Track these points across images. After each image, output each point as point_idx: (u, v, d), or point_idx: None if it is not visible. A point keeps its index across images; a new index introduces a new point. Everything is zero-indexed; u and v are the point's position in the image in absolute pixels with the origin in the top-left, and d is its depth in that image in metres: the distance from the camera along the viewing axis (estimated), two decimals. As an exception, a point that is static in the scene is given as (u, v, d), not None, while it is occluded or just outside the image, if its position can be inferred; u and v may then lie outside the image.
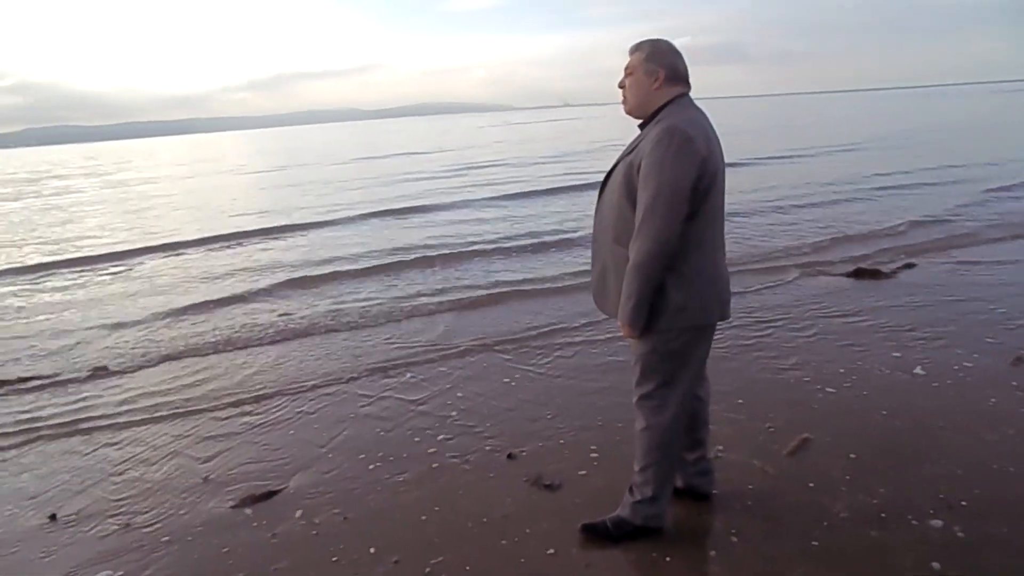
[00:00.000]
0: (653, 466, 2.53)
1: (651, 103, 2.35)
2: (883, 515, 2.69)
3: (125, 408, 4.44)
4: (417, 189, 16.99)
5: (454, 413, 3.96)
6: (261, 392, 4.53)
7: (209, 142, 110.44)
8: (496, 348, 5.05)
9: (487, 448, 3.51)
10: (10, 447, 4.00)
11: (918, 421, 3.45)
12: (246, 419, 4.12)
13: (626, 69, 2.38)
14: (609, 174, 2.45)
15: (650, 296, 2.27)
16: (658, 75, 2.32)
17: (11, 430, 4.23)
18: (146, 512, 3.15)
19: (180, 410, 4.33)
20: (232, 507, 3.13)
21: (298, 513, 3.03)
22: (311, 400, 4.34)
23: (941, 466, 3.02)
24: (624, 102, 2.41)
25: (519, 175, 18.74)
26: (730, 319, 2.57)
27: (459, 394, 4.25)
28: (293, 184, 21.09)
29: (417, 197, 15.14)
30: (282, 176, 25.14)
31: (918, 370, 4.08)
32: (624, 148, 2.42)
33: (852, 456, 3.15)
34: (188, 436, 3.93)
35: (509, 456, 3.40)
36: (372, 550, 2.72)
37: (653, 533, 2.61)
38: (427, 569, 2.57)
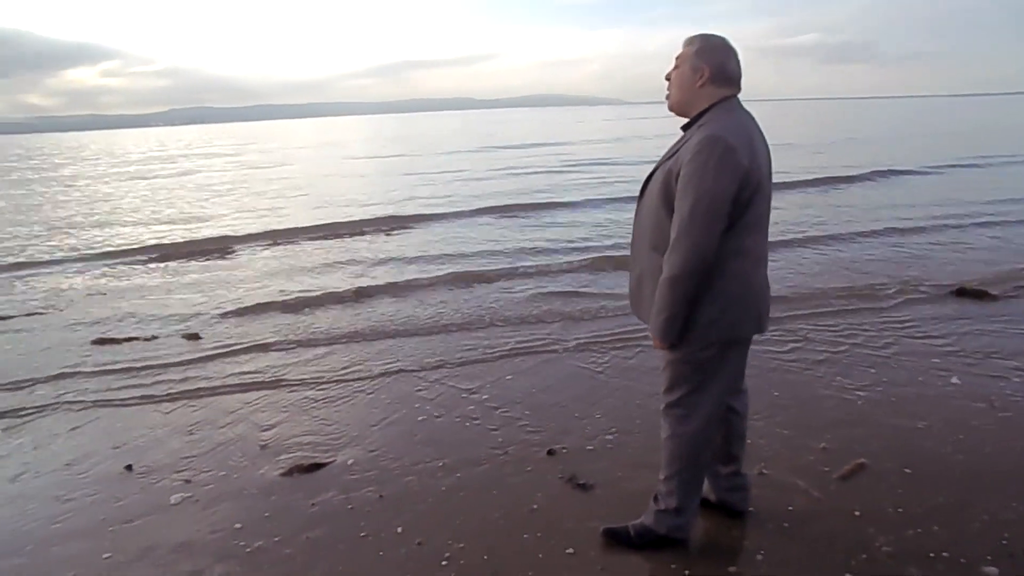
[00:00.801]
0: (677, 476, 2.47)
1: (694, 103, 2.28)
2: (931, 554, 2.50)
3: (210, 376, 4.79)
4: (535, 183, 16.31)
5: (504, 405, 4.01)
6: (334, 373, 4.76)
7: (332, 126, 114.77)
8: (556, 346, 5.05)
9: (529, 441, 3.53)
10: (104, 403, 4.41)
11: (991, 460, 3.16)
12: (310, 394, 4.35)
13: (676, 60, 2.32)
14: (649, 179, 2.39)
15: (685, 310, 2.21)
16: (703, 72, 2.24)
17: (109, 386, 4.67)
18: (206, 471, 3.40)
19: (254, 382, 4.62)
20: (281, 475, 3.32)
21: (338, 487, 3.18)
22: (376, 382, 4.51)
23: (1011, 510, 2.76)
24: (667, 97, 2.35)
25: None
26: (765, 332, 2.43)
27: (513, 387, 4.29)
28: (413, 172, 21.12)
29: (536, 192, 14.55)
30: (404, 163, 25.39)
31: (1000, 404, 3.74)
32: (666, 152, 2.36)
33: (910, 488, 2.94)
34: (257, 406, 4.19)
35: (549, 452, 3.41)
36: (399, 529, 2.81)
37: (676, 544, 2.56)
38: (447, 554, 2.64)
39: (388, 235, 10.48)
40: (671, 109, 2.35)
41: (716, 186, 2.10)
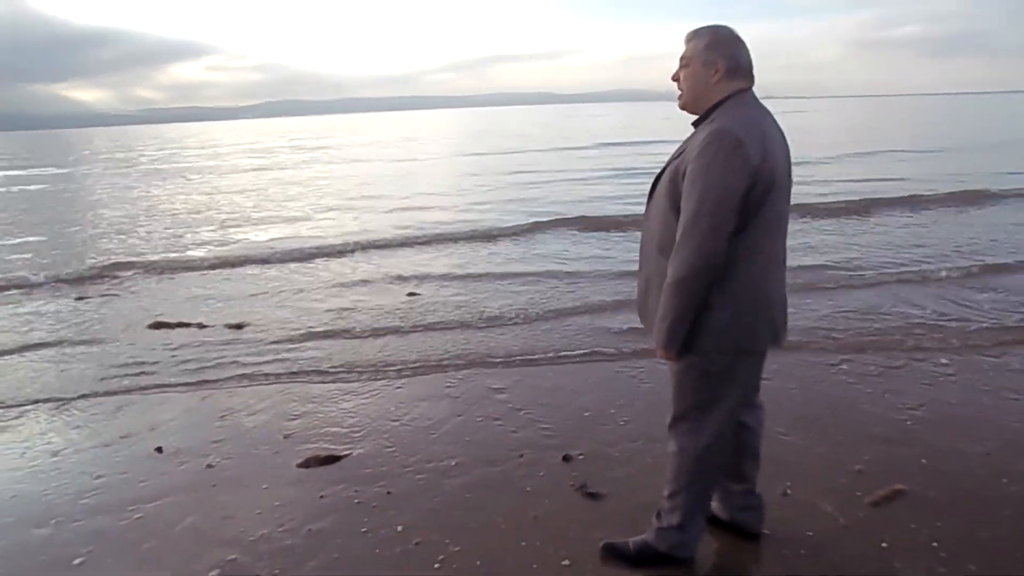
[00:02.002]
0: (682, 493, 2.33)
1: (708, 98, 2.13)
2: (961, 596, 2.27)
3: (246, 364, 4.93)
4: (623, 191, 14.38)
5: (528, 406, 3.93)
6: (369, 365, 4.81)
7: (417, 119, 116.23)
8: (595, 352, 4.93)
9: (547, 445, 3.45)
10: (146, 387, 4.61)
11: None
12: (342, 386, 4.40)
13: (681, 60, 2.17)
14: (657, 179, 2.27)
15: (689, 316, 2.07)
16: (717, 67, 2.09)
17: (156, 370, 4.88)
18: (228, 458, 3.48)
19: (287, 372, 4.72)
20: (297, 465, 3.36)
21: (349, 480, 3.18)
22: (406, 377, 4.53)
23: (1066, 553, 2.48)
24: (679, 96, 2.21)
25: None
26: (781, 344, 2.25)
27: (541, 389, 4.21)
28: (504, 172, 19.62)
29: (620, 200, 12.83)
30: (494, 162, 23.97)
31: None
32: (676, 149, 2.22)
33: (950, 520, 2.67)
34: (287, 396, 4.28)
35: (565, 457, 3.31)
36: (399, 527, 2.78)
37: (678, 563, 2.42)
38: (441, 556, 2.59)
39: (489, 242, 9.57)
40: (683, 108, 2.21)
41: (723, 183, 1.96)
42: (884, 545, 2.53)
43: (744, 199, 1.98)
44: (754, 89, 2.15)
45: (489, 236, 9.87)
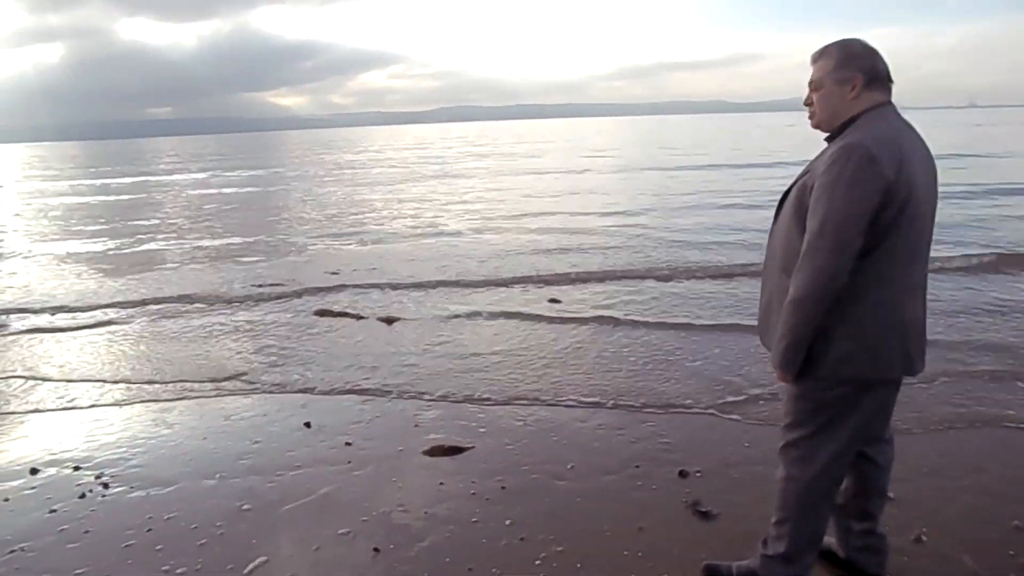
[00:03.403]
0: (790, 522, 2.22)
1: (844, 113, 2.01)
2: None
3: (397, 353, 5.32)
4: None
5: (651, 418, 3.90)
6: (517, 358, 5.01)
7: (593, 127, 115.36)
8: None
9: (664, 460, 3.40)
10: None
11: None
12: (485, 375, 4.62)
13: (810, 84, 2.07)
14: (785, 195, 2.18)
15: (808, 338, 1.98)
16: (854, 82, 1.98)
17: (313, 350, 5.40)
18: (368, 440, 3.79)
19: (428, 364, 5.03)
20: (423, 452, 3.59)
21: (468, 472, 3.35)
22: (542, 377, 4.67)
23: None
24: (811, 116, 2.11)
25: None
26: (917, 375, 2.05)
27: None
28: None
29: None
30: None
31: None
32: (805, 166, 2.13)
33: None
34: (423, 386, 4.56)
35: (681, 473, 3.25)
36: (508, 522, 2.90)
37: (784, 596, 2.31)
38: (543, 553, 2.66)
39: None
40: (817, 127, 2.10)
41: (850, 201, 1.85)
42: (1032, 612, 2.26)
43: (875, 218, 1.87)
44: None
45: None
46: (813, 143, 2.15)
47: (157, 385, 4.84)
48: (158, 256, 10.68)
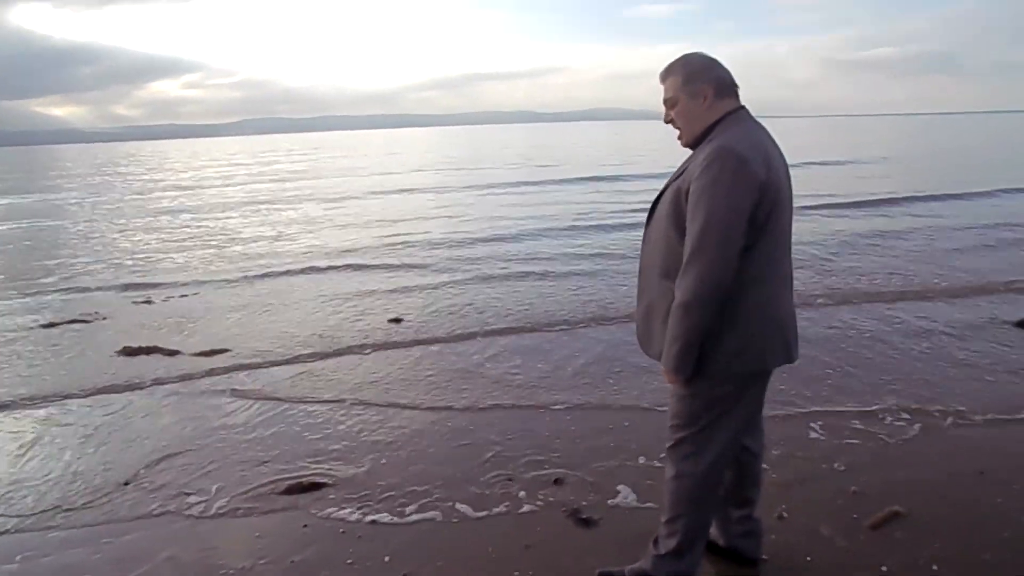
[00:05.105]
0: (682, 519, 2.25)
1: (704, 123, 2.08)
2: (969, 623, 2.19)
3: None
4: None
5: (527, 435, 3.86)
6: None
7: (404, 137, 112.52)
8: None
9: (542, 468, 3.36)
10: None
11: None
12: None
13: (666, 102, 2.12)
14: (657, 201, 2.21)
15: (699, 340, 2.00)
16: (705, 94, 2.05)
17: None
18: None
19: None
20: (280, 493, 3.25)
21: (336, 508, 3.08)
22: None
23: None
24: (679, 137, 2.16)
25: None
26: (795, 361, 2.17)
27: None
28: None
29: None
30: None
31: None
32: (675, 170, 2.17)
33: (951, 544, 2.63)
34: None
35: (556, 481, 3.23)
36: (387, 559, 2.69)
37: (676, 592, 2.34)
38: (429, 588, 2.49)
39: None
40: (687, 146, 2.15)
41: (730, 202, 1.91)
42: (884, 569, 2.49)
43: (751, 218, 1.94)
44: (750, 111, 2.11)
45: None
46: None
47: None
48: None
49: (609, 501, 3.04)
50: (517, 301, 6.89)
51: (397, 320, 6.29)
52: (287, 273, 8.81)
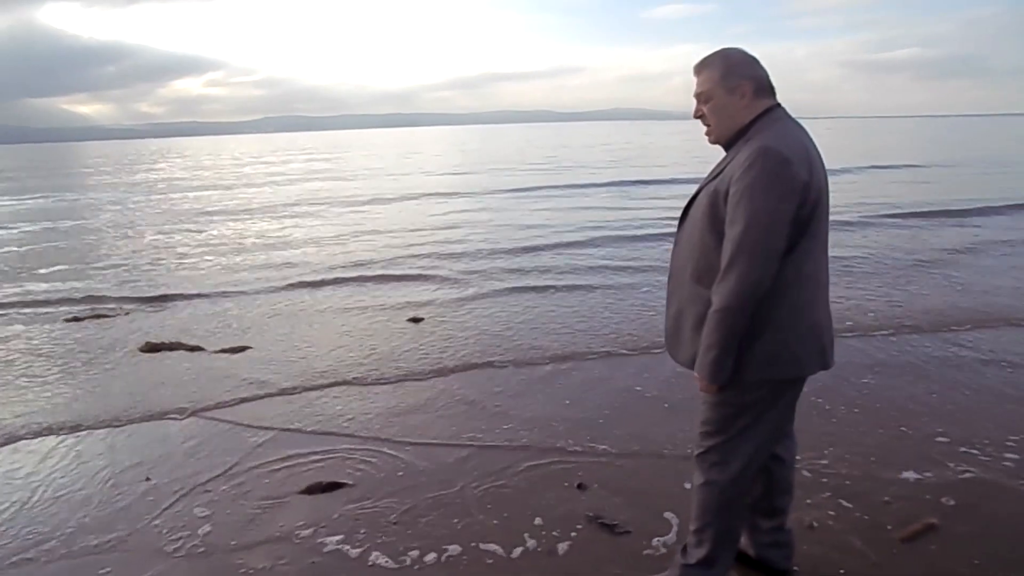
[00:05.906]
0: (710, 527, 2.20)
1: (740, 121, 2.02)
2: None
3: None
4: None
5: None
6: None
7: (423, 137, 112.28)
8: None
9: (562, 475, 3.32)
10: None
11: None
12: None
13: (698, 96, 2.06)
14: (690, 203, 2.14)
15: (735, 346, 1.95)
16: (744, 90, 1.99)
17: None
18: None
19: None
20: (300, 492, 3.23)
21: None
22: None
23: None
24: (708, 133, 2.09)
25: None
26: (830, 367, 2.07)
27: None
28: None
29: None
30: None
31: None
32: (708, 173, 2.11)
33: (987, 559, 2.54)
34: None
35: (579, 486, 3.18)
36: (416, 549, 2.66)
37: (704, 602, 2.28)
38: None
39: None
40: (716, 142, 2.10)
41: (771, 204, 1.85)
42: (918, 583, 2.41)
43: (792, 220, 1.88)
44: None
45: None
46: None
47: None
48: None
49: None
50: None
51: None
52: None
